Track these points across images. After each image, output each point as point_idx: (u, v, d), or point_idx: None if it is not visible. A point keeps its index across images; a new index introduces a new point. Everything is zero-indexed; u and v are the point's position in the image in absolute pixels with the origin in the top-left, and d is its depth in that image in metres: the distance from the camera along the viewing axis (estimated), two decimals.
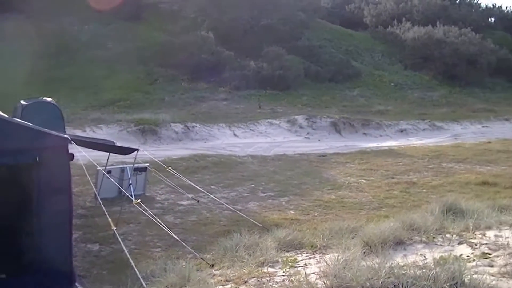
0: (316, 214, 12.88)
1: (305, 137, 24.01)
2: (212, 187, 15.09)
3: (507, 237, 6.99)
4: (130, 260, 7.66)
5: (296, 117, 25.62)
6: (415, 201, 13.86)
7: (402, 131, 26.35)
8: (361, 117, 27.37)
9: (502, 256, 6.21)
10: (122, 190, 11.56)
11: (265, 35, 35.11)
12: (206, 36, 33.21)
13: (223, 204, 12.78)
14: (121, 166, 13.39)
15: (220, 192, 14.74)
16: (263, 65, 32.45)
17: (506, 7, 61.81)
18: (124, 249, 8.05)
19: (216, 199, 13.00)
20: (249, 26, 35.74)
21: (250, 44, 34.33)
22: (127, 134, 21.63)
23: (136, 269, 7.44)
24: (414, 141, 24.37)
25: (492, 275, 5.61)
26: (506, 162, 20.08)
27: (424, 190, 15.46)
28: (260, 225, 10.99)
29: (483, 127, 29.21)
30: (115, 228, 8.41)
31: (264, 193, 14.87)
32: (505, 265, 5.86)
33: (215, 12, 35.95)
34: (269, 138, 23.33)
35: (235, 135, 23.39)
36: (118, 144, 13.32)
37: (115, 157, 13.74)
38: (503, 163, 20.01)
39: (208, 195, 13.18)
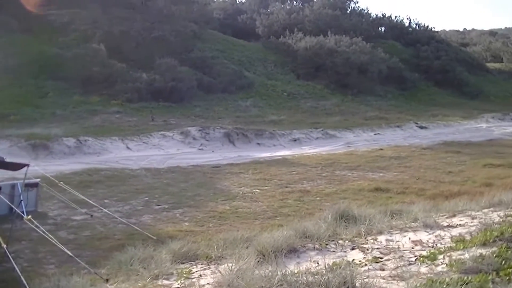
0: (210, 225, 12.84)
1: (199, 149, 23.93)
2: (106, 201, 14.80)
3: (398, 241, 7.20)
4: (22, 278, 7.45)
5: (189, 128, 25.51)
6: (309, 209, 14.02)
7: (295, 140, 26.64)
8: (254, 127, 27.55)
9: (393, 260, 6.39)
10: (12, 207, 11.23)
11: (157, 47, 34.97)
12: (98, 48, 32.73)
13: (117, 218, 12.58)
14: (11, 182, 12.96)
15: (114, 206, 14.46)
16: (156, 77, 32.23)
17: (396, 17, 63.71)
18: (16, 267, 7.83)
19: (110, 213, 12.79)
20: (141, 38, 35.49)
21: (142, 56, 34.11)
22: (18, 150, 20.94)
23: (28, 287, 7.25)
24: (308, 150, 24.69)
25: (383, 278, 5.76)
26: (398, 168, 20.72)
27: (318, 198, 15.67)
28: (155, 237, 10.89)
29: (375, 134, 29.91)
30: (5, 246, 8.18)
31: (159, 205, 14.72)
32: (396, 268, 6.02)
33: (106, 24, 35.55)
34: (163, 151, 23.14)
35: (128, 148, 23.07)
36: (8, 160, 12.95)
37: (5, 173, 13.35)
38: (395, 169, 20.63)
39: (101, 209, 12.95)
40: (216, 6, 56.07)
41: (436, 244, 7.00)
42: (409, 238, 7.36)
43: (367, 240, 7.41)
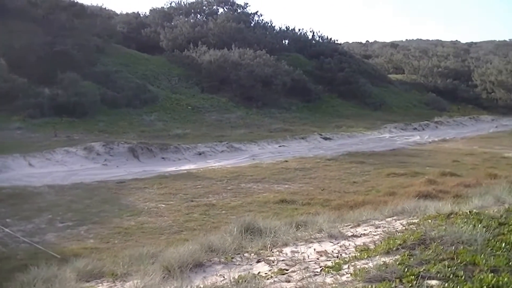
0: (116, 241, 12.67)
1: (103, 164, 23.54)
2: (8, 220, 14.37)
3: (303, 252, 7.23)
4: None
5: (93, 144, 25.04)
6: (215, 223, 14.00)
7: (200, 154, 26.55)
8: (159, 141, 27.29)
9: (298, 271, 6.39)
10: None
11: (59, 61, 34.15)
12: None
13: (19, 237, 12.29)
14: None
15: (16, 225, 14.04)
16: (58, 92, 31.56)
17: (299, 30, 64.67)
18: None
19: (12, 232, 12.48)
20: (43, 52, 34.62)
21: (45, 70, 33.21)
22: None
23: None
24: (213, 163, 24.63)
25: None
26: (303, 180, 20.93)
27: (224, 212, 15.67)
28: (59, 256, 10.68)
29: (280, 146, 30.07)
30: None
31: (62, 223, 14.41)
32: (301, 279, 6.04)
33: (6, 38, 34.60)
34: (66, 167, 22.63)
35: (30, 165, 22.44)
36: None
37: None
38: (300, 180, 20.84)
39: (3, 229, 12.63)
40: (119, 20, 55.47)
41: (340, 254, 7.03)
42: (314, 249, 7.36)
43: (272, 252, 7.40)
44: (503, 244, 6.05)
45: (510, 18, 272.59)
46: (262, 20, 62.49)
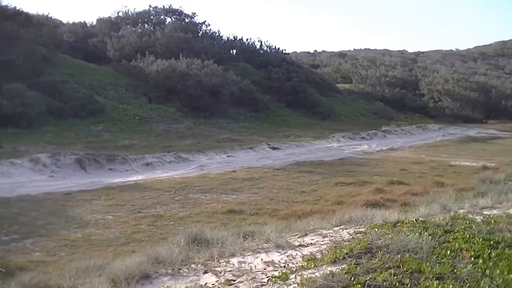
0: (62, 254, 12.49)
1: (50, 176, 23.21)
2: None
3: (250, 263, 7.26)
4: None
5: (39, 155, 24.64)
6: (163, 234, 13.91)
7: (148, 164, 26.38)
8: (106, 152, 27.03)
9: (245, 282, 6.42)
10: None
11: (4, 71, 33.66)
12: None
13: None
14: None
15: None
16: (4, 102, 30.95)
17: (247, 39, 64.94)
18: None
19: None
20: None
21: None
22: None
23: None
24: (161, 174, 24.46)
25: None
26: (251, 190, 20.90)
27: (171, 222, 15.56)
28: (3, 270, 10.51)
29: (228, 156, 30.00)
30: None
31: (7, 236, 14.15)
32: None
33: None
34: (12, 179, 22.22)
35: None
36: None
37: None
38: (248, 190, 20.81)
39: None
40: (66, 29, 54.85)
41: (288, 264, 7.05)
42: (261, 259, 7.39)
43: (219, 263, 7.40)
44: (448, 252, 6.19)
45: (456, 28, 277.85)
46: (210, 29, 62.70)
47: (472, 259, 5.97)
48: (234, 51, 62.43)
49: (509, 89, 76.77)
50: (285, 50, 70.35)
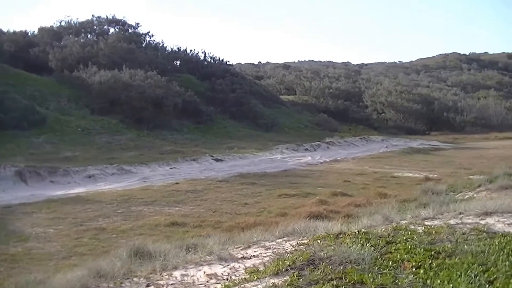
0: (1, 269, 12.18)
1: None
2: None
3: (193, 275, 7.25)
4: None
5: None
6: (105, 247, 13.72)
7: (90, 176, 26.06)
8: (48, 164, 26.57)
9: None
10: None
11: None
12: None
13: None
14: None
15: None
16: None
17: (191, 50, 64.84)
18: None
19: None
20: None
21: None
22: None
23: None
24: (103, 186, 24.18)
25: None
26: (194, 202, 20.79)
27: (114, 235, 15.39)
28: None
29: (171, 168, 29.78)
30: None
31: None
32: None
33: None
34: None
35: None
36: None
37: None
38: (191, 203, 20.68)
39: None
40: (6, 38, 53.86)
41: (230, 277, 7.06)
42: (204, 272, 7.38)
43: (162, 276, 7.37)
44: (390, 263, 6.26)
45: (400, 41, 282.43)
46: (154, 40, 62.62)
47: (414, 269, 6.04)
48: (178, 62, 62.42)
49: (451, 101, 78.50)
50: (229, 61, 70.78)
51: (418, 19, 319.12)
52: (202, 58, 65.04)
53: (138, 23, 62.37)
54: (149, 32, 63.37)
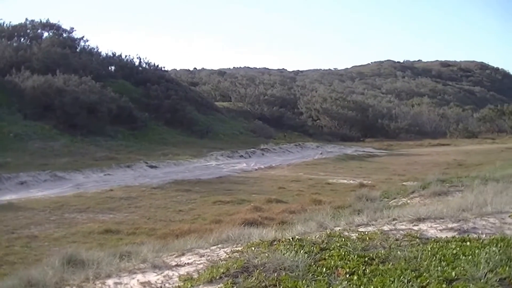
0: None
1: None
2: None
3: (126, 284, 7.24)
4: None
5: None
6: (37, 256, 13.49)
7: (22, 183, 25.62)
8: None
9: None
10: None
11: None
12: None
13: None
14: None
15: None
16: None
17: (126, 56, 64.34)
18: None
19: None
20: None
21: None
22: None
23: None
24: (36, 193, 23.76)
25: None
26: (128, 209, 20.64)
27: (46, 243, 15.15)
28: None
29: (105, 175, 29.46)
30: None
31: None
32: None
33: None
34: None
35: None
36: None
37: None
38: (125, 210, 20.53)
39: None
40: None
41: (164, 284, 7.04)
42: (138, 280, 7.34)
43: (95, 284, 7.30)
44: (324, 269, 6.28)
45: (335, 49, 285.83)
46: (88, 45, 62.11)
47: (347, 276, 6.08)
48: (113, 67, 61.86)
49: (385, 108, 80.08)
50: (164, 67, 70.53)
51: (353, 27, 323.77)
52: (137, 63, 64.71)
53: (73, 28, 61.79)
54: (83, 36, 62.88)
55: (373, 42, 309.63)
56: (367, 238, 7.94)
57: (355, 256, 6.80)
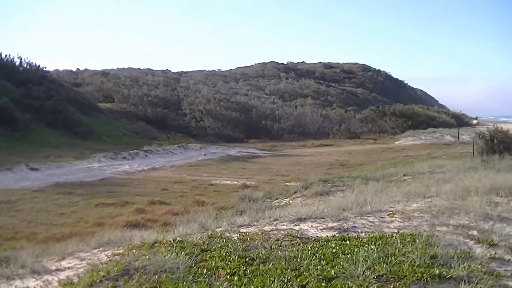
0: None
1: None
2: None
3: None
4: None
5: None
6: None
7: None
8: None
9: None
10: None
11: None
12: None
13: None
14: None
15: None
16: None
17: (6, 55, 62.47)
18: None
19: None
20: None
21: None
22: None
23: None
24: None
25: None
26: (8, 213, 20.10)
27: None
28: None
29: None
30: None
31: None
32: None
33: None
34: None
35: None
36: None
37: None
38: (4, 214, 19.97)
39: None
40: None
41: None
42: (16, 286, 7.22)
43: None
44: (205, 270, 6.44)
45: (218, 49, 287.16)
46: None
47: (228, 276, 6.22)
48: None
49: (269, 109, 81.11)
50: (45, 67, 69.04)
51: (237, 28, 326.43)
52: (18, 63, 63.05)
53: None
54: None
55: (257, 43, 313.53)
56: (248, 238, 8.12)
57: (236, 257, 6.98)
